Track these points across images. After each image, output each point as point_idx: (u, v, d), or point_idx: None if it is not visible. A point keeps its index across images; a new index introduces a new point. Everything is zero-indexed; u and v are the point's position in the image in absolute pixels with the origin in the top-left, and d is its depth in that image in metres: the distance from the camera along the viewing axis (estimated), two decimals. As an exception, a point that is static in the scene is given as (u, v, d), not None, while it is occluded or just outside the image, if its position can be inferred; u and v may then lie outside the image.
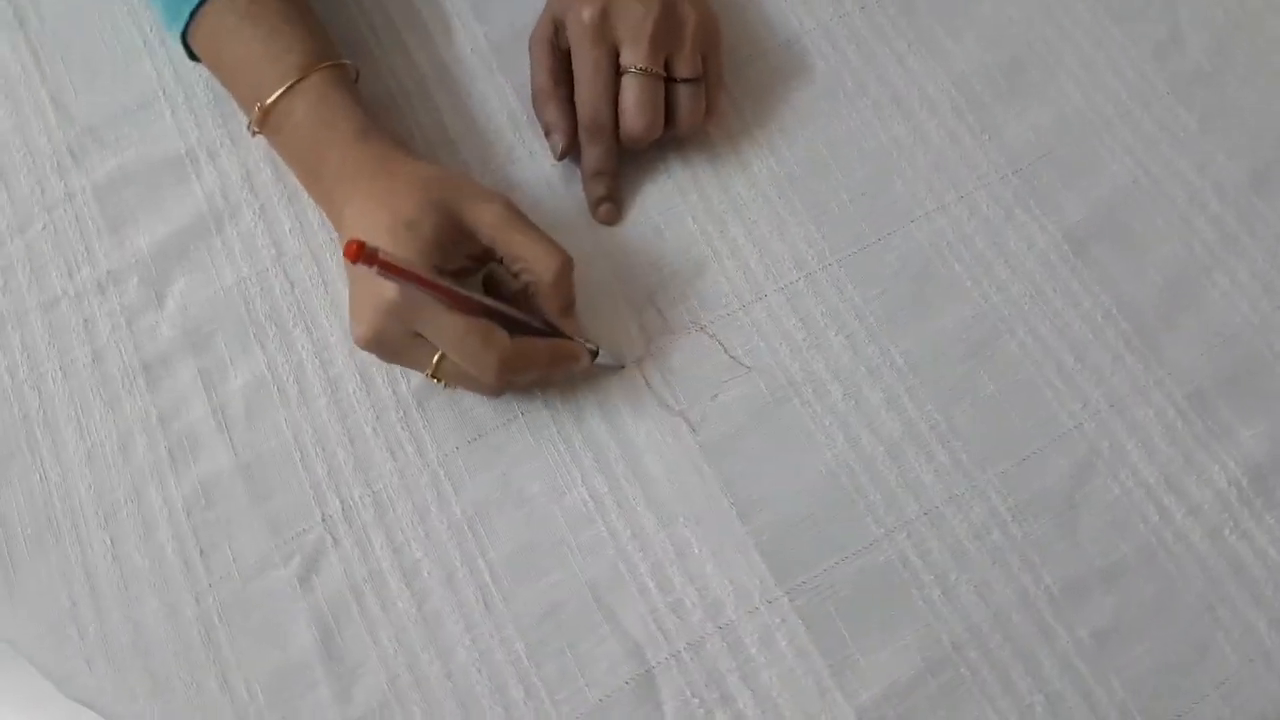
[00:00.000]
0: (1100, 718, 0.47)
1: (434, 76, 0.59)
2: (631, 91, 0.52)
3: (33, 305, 0.53)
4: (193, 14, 0.52)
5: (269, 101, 0.51)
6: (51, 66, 0.59)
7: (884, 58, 0.60)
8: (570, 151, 0.55)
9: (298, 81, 0.50)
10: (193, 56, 0.54)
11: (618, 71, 0.53)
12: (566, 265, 0.48)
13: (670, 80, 0.53)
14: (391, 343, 0.46)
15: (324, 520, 0.49)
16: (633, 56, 0.52)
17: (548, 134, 0.56)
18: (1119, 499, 0.51)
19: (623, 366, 0.52)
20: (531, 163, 0.57)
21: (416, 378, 0.52)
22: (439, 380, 0.47)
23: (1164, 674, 0.48)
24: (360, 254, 0.40)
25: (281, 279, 0.54)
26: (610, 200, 0.55)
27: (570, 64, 0.55)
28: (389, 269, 0.41)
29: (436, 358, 0.46)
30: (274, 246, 0.55)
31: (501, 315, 0.47)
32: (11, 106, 0.58)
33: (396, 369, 0.52)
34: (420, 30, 0.60)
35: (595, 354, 0.51)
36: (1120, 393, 0.53)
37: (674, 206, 0.56)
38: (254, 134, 0.53)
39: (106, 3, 0.60)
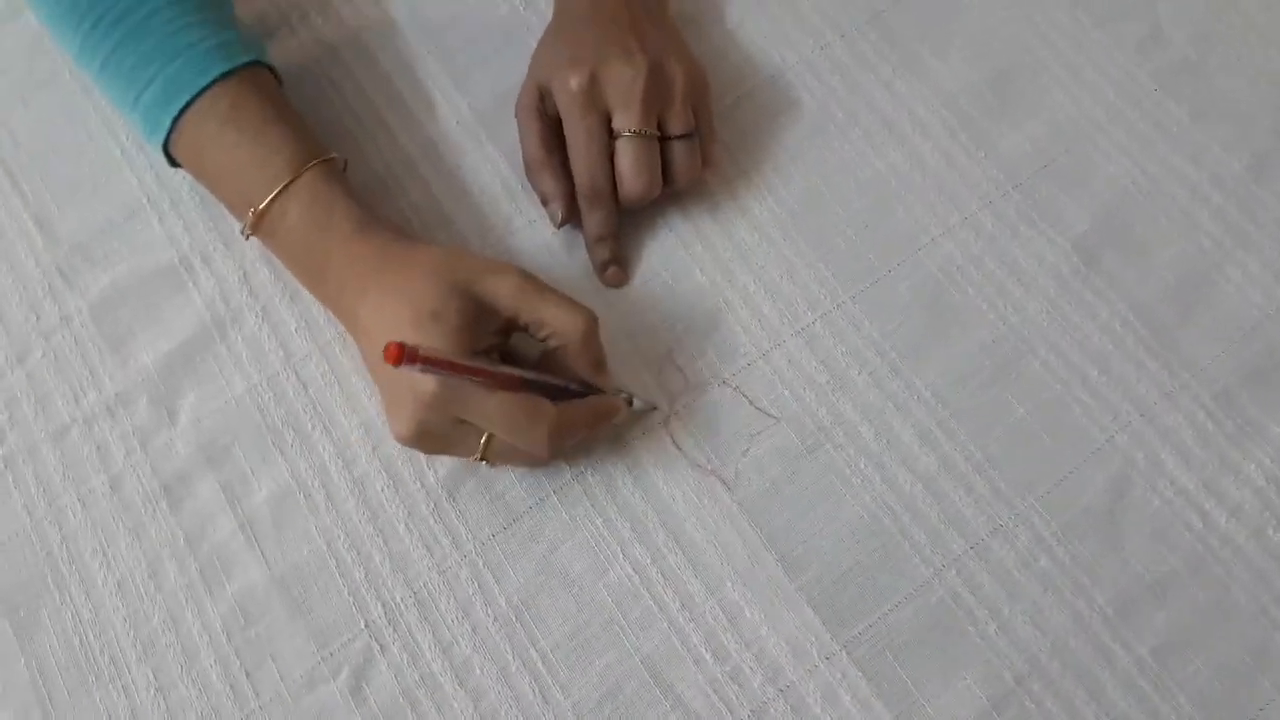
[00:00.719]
0: (1170, 735, 0.47)
1: (421, 154, 0.58)
2: (628, 155, 0.52)
3: (42, 437, 0.52)
4: (173, 124, 0.51)
5: (261, 207, 0.50)
6: (31, 186, 0.58)
7: (870, 85, 0.60)
8: (570, 219, 0.54)
9: (289, 183, 0.49)
10: (174, 164, 0.53)
11: (610, 135, 0.52)
12: (593, 323, 0.48)
13: (664, 138, 0.53)
14: (436, 434, 0.46)
15: (368, 627, 0.48)
16: (625, 120, 0.51)
17: (545, 203, 0.55)
18: (1160, 510, 0.50)
19: (656, 408, 0.52)
20: (531, 232, 0.56)
21: (443, 468, 0.51)
22: (487, 461, 0.46)
23: (1226, 682, 0.48)
24: (401, 356, 0.39)
25: (293, 381, 0.53)
26: (616, 263, 0.54)
27: (559, 129, 0.54)
28: (432, 364, 0.41)
29: (484, 439, 0.46)
30: (281, 348, 0.54)
31: (538, 385, 0.47)
32: (-6, 233, 0.57)
33: (422, 461, 0.51)
34: (402, 109, 0.59)
35: (630, 402, 0.50)
36: (1148, 401, 0.52)
37: (680, 261, 0.56)
38: (247, 238, 0.52)
39: (81, 117, 0.59)
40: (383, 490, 0.51)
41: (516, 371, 0.46)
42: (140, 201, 0.57)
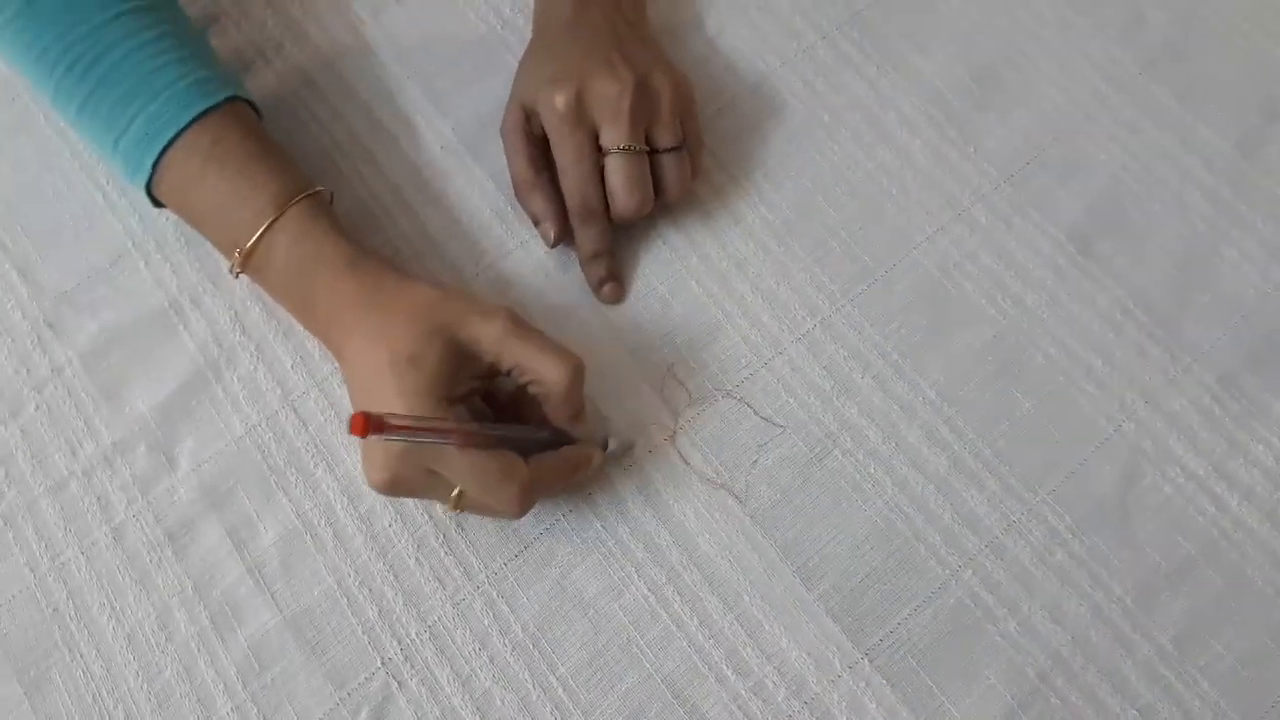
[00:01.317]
0: (1197, 722, 0.47)
1: (407, 181, 0.57)
2: (618, 172, 0.51)
3: (41, 492, 0.51)
4: (155, 164, 0.50)
5: (248, 245, 0.49)
6: (10, 236, 0.57)
7: (855, 85, 0.59)
8: (563, 239, 0.54)
9: (275, 219, 0.49)
10: (158, 204, 0.53)
11: (599, 151, 0.52)
12: (578, 374, 0.46)
13: (653, 152, 0.52)
14: (407, 484, 0.45)
15: (384, 664, 0.48)
16: (614, 136, 0.51)
17: (537, 223, 0.54)
18: (1172, 497, 0.50)
19: (633, 445, 0.51)
20: (524, 253, 0.56)
21: (451, 498, 0.50)
22: (461, 512, 0.46)
23: (1249, 666, 0.48)
24: (368, 427, 0.38)
25: (292, 419, 0.52)
26: (612, 279, 0.54)
27: (546, 149, 0.54)
28: (401, 430, 0.40)
29: (455, 492, 0.45)
30: (278, 386, 0.53)
31: (509, 439, 0.46)
32: (-23, 286, 0.56)
33: (428, 493, 0.50)
34: (384, 136, 0.58)
35: (605, 445, 0.50)
36: (1152, 388, 0.52)
37: (676, 273, 0.55)
38: (236, 275, 0.51)
39: (58, 163, 0.58)
40: (390, 525, 0.50)
41: (487, 429, 0.45)
42: (125, 246, 0.56)
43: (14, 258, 0.56)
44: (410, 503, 0.50)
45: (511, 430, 0.47)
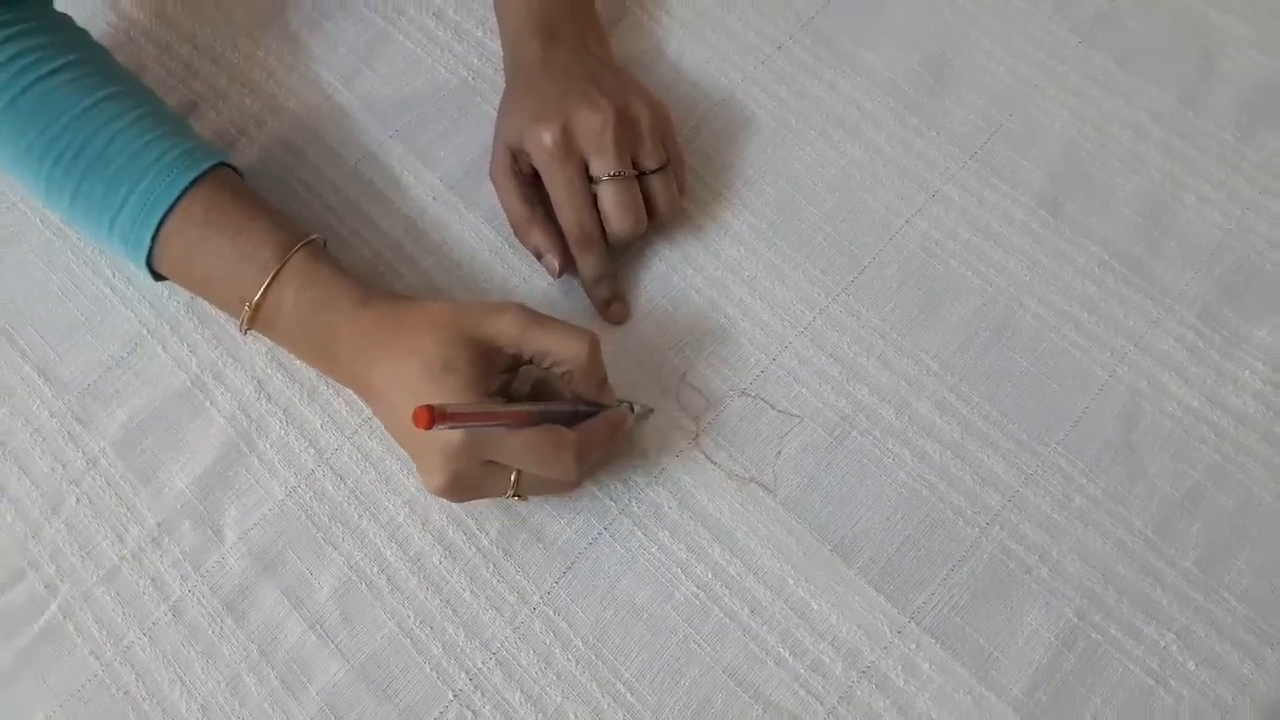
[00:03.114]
0: (1229, 636, 0.49)
1: (405, 235, 0.59)
2: (611, 198, 0.54)
3: (94, 581, 0.52)
4: (153, 238, 0.52)
5: (255, 299, 0.51)
6: (26, 339, 0.58)
7: (815, 88, 0.63)
8: (567, 269, 0.56)
9: (278, 271, 0.51)
10: (158, 277, 0.54)
11: (590, 181, 0.54)
12: (595, 345, 0.49)
13: (641, 175, 0.55)
14: (468, 480, 0.47)
15: (456, 696, 0.49)
16: (603, 165, 0.53)
17: (539, 256, 0.57)
18: (1173, 430, 0.53)
19: (652, 409, 0.54)
20: (528, 288, 0.58)
21: (493, 528, 0.52)
22: (519, 497, 0.48)
23: (1270, 576, 0.50)
24: (431, 419, 0.40)
25: (330, 476, 0.54)
26: (617, 300, 0.56)
27: (536, 186, 0.56)
28: (461, 418, 0.42)
29: (514, 477, 0.47)
30: (311, 447, 0.55)
31: (551, 415, 0.49)
32: (1, 393, 0.57)
33: (471, 524, 0.52)
34: (376, 195, 0.61)
35: (632, 408, 0.53)
36: (1139, 331, 0.55)
37: (676, 287, 0.58)
38: (244, 332, 0.53)
39: (61, 262, 0.60)
40: (440, 562, 0.52)
41: (534, 407, 0.48)
42: (140, 333, 0.58)
43: (32, 360, 0.58)
44: (457, 538, 0.52)
45: (551, 407, 0.49)
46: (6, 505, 0.54)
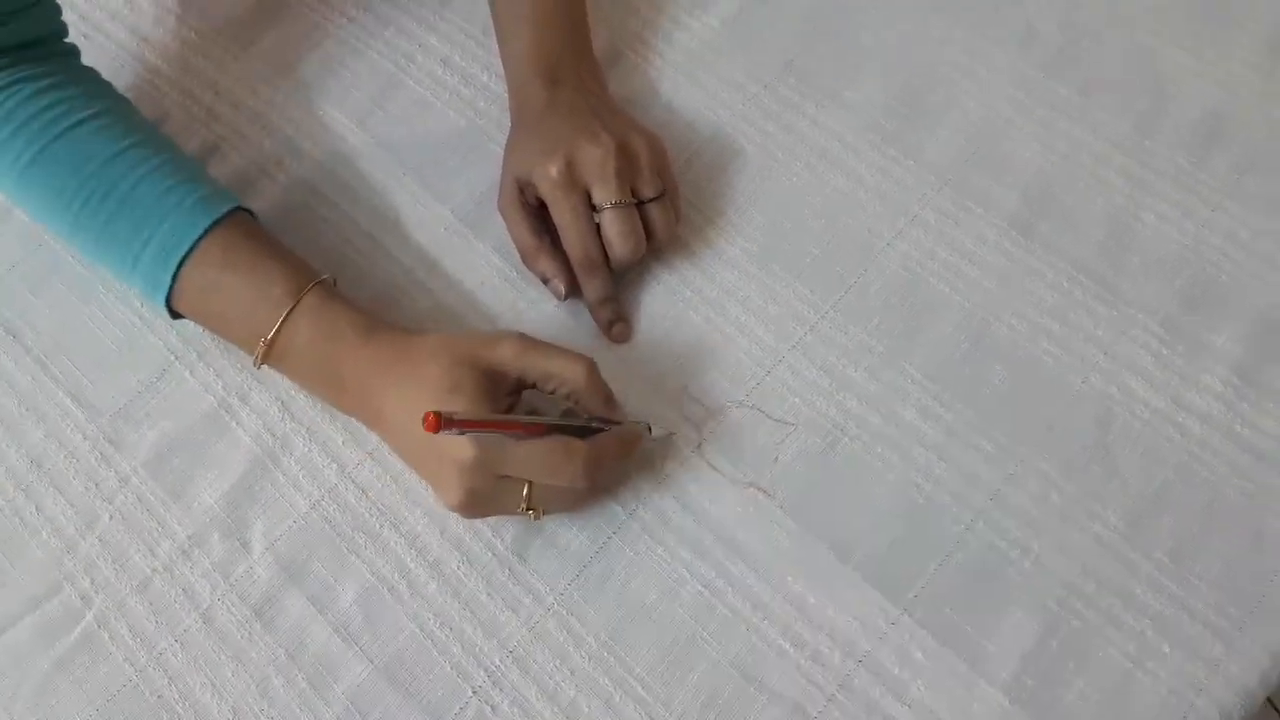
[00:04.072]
0: (1202, 621, 0.52)
1: (419, 264, 0.63)
2: (612, 224, 0.58)
3: (127, 592, 0.55)
4: (174, 278, 0.55)
5: (271, 334, 0.54)
6: (60, 368, 0.61)
7: (799, 123, 0.67)
8: (573, 292, 0.60)
9: (293, 308, 0.54)
10: (175, 315, 0.58)
11: (593, 209, 0.58)
12: (592, 366, 0.53)
13: (640, 203, 0.59)
14: (483, 494, 0.50)
15: (475, 693, 0.52)
16: (604, 194, 0.58)
17: (546, 282, 0.60)
18: (1143, 431, 0.57)
19: (673, 434, 0.57)
20: (536, 311, 0.62)
21: (509, 535, 0.55)
22: (532, 512, 0.51)
23: (1237, 565, 0.54)
24: (439, 423, 0.44)
25: (352, 489, 0.57)
26: (620, 320, 0.60)
27: (543, 215, 0.60)
28: (469, 425, 0.46)
29: (526, 490, 0.50)
30: (334, 462, 0.58)
31: (563, 428, 0.52)
32: (36, 417, 0.60)
33: (487, 533, 0.55)
34: (392, 228, 0.64)
35: (649, 429, 0.56)
36: (1107, 341, 0.59)
37: (674, 307, 0.61)
38: (258, 367, 0.56)
39: (93, 295, 0.63)
40: (459, 567, 0.55)
41: (541, 420, 0.52)
42: (168, 360, 0.61)
43: (65, 386, 0.61)
44: (474, 545, 0.55)
45: (563, 420, 0.52)
46: (43, 522, 0.57)
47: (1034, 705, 0.51)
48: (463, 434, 0.47)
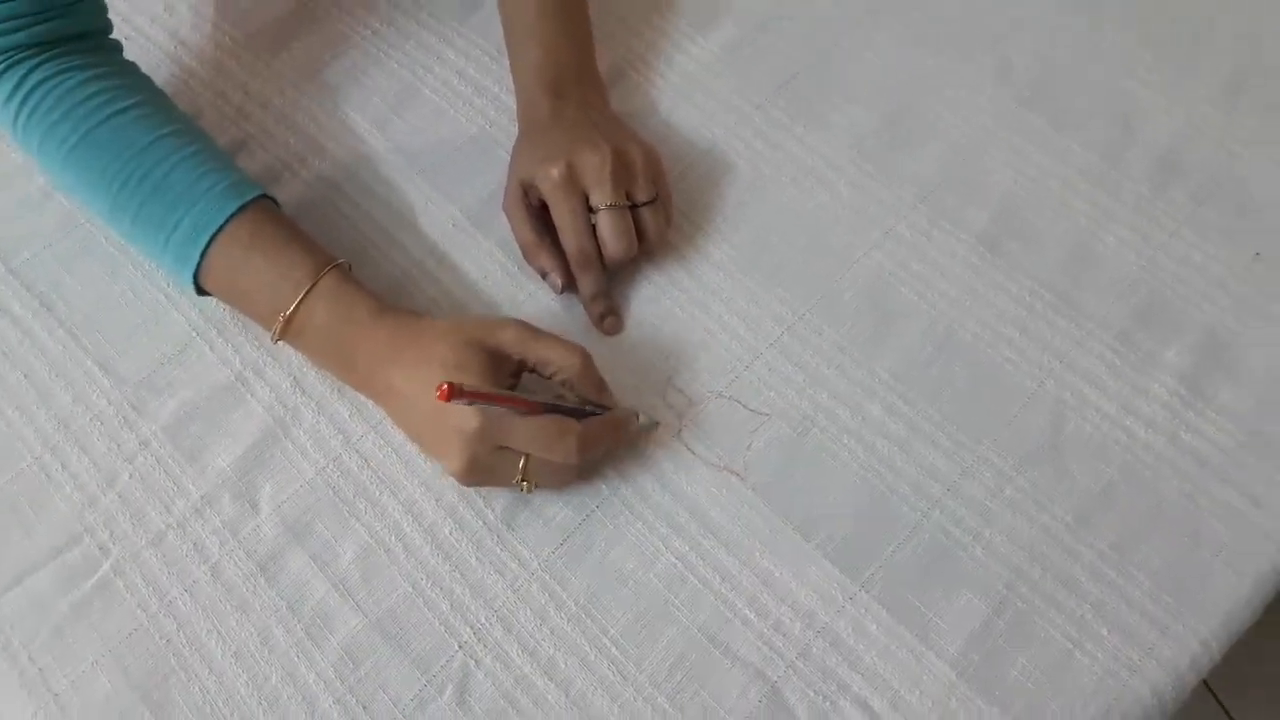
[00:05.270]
0: (1139, 609, 0.56)
1: (429, 257, 0.68)
2: (607, 225, 0.63)
3: (143, 544, 0.59)
4: (202, 256, 0.60)
5: (290, 311, 0.59)
6: (90, 339, 0.66)
7: (788, 142, 0.72)
8: (569, 286, 0.65)
9: (312, 286, 0.59)
10: (201, 291, 0.62)
11: (590, 211, 0.63)
12: (587, 355, 0.58)
13: (634, 206, 0.64)
14: (483, 463, 0.54)
15: (461, 647, 0.56)
16: (601, 197, 0.62)
17: (544, 276, 0.65)
18: (1092, 434, 0.61)
19: (659, 424, 0.61)
20: (534, 303, 0.66)
21: (500, 505, 0.59)
22: (526, 484, 0.55)
23: (1175, 560, 0.58)
24: (452, 392, 0.48)
25: (356, 458, 0.61)
26: (611, 314, 0.65)
27: (545, 215, 0.65)
28: (478, 396, 0.50)
29: (522, 463, 0.55)
30: (340, 434, 0.62)
31: (561, 409, 0.56)
32: (65, 383, 0.64)
33: (479, 502, 0.59)
34: (406, 224, 0.69)
35: (638, 417, 0.60)
36: (1064, 350, 0.64)
37: (663, 305, 0.66)
38: (275, 342, 0.60)
39: (123, 274, 0.68)
40: (451, 533, 0.59)
41: (540, 399, 0.56)
42: (190, 335, 0.66)
43: (94, 356, 0.65)
44: (466, 513, 0.59)
45: (561, 404, 0.57)
46: (67, 478, 0.61)
47: (979, 679, 0.55)
48: (471, 404, 0.52)
